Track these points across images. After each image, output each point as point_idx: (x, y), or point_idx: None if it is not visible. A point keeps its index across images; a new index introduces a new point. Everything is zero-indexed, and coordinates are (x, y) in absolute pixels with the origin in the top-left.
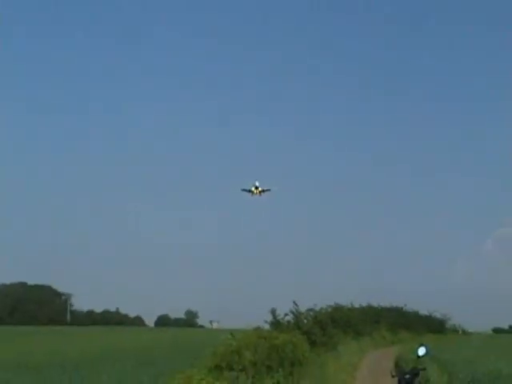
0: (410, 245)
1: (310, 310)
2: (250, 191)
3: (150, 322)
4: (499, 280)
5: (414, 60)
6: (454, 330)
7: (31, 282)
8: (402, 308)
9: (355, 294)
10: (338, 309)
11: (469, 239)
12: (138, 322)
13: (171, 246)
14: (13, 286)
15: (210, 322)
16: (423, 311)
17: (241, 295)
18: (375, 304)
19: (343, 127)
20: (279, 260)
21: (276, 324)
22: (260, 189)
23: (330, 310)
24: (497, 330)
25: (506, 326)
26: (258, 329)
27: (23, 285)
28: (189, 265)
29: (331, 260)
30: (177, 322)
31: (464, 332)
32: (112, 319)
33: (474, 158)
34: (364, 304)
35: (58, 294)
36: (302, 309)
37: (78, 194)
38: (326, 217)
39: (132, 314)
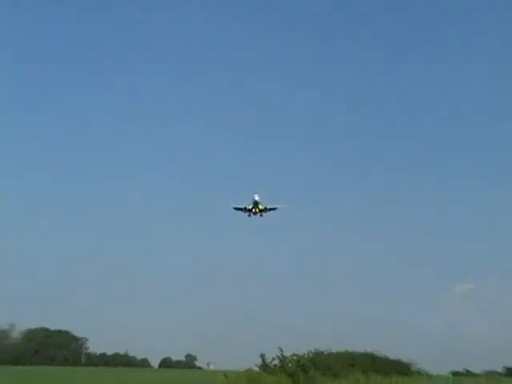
0: (382, 297)
1: (294, 355)
2: (245, 210)
3: (154, 363)
4: (456, 328)
5: None
6: (419, 373)
7: (53, 327)
8: (373, 353)
9: (333, 339)
10: (318, 354)
11: (432, 293)
12: (144, 363)
13: (176, 295)
14: (36, 330)
15: (207, 363)
16: (392, 356)
17: (234, 340)
18: (350, 349)
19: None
20: (268, 308)
21: (265, 367)
22: (261, 206)
23: (311, 355)
24: (455, 373)
25: (462, 370)
26: (249, 370)
27: (45, 330)
28: (189, 314)
29: (315, 308)
30: (178, 364)
31: (427, 375)
32: (122, 361)
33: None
34: (341, 349)
35: (75, 339)
36: (287, 353)
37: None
38: (314, 263)
39: (139, 357)
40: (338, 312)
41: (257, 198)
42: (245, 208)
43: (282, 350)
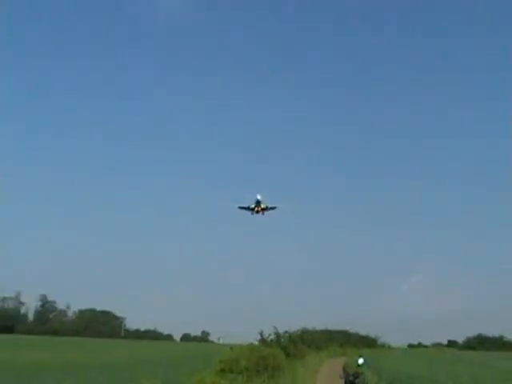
0: (355, 286)
1: (286, 332)
2: (249, 209)
3: (177, 338)
4: (411, 311)
5: None
6: (383, 346)
7: (98, 308)
8: (347, 330)
9: (317, 321)
10: (305, 331)
11: (392, 283)
12: (168, 337)
13: (195, 284)
14: (86, 311)
15: (218, 338)
16: (362, 332)
17: (239, 320)
18: (330, 328)
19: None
20: (266, 293)
21: (263, 341)
22: (263, 205)
23: (299, 332)
24: (410, 346)
25: (416, 343)
26: (250, 344)
27: (93, 310)
28: (204, 300)
29: (301, 296)
30: (195, 339)
31: (389, 347)
32: (151, 335)
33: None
34: (322, 328)
35: (116, 317)
36: (281, 330)
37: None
38: (309, 252)
39: (165, 332)
40: (325, 298)
41: (259, 197)
42: (248, 207)
43: (276, 328)
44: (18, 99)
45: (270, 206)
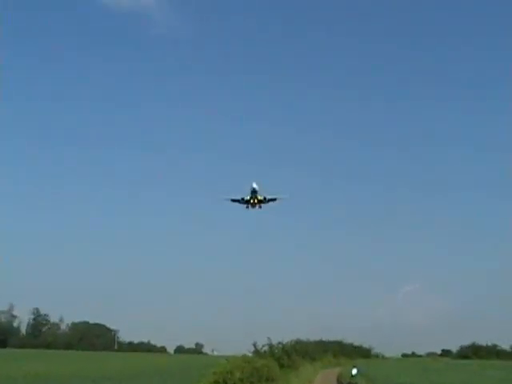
0: (349, 296)
1: (280, 343)
2: (243, 201)
3: (170, 350)
4: (405, 321)
5: None
6: (376, 356)
7: (92, 321)
8: (341, 341)
9: (311, 331)
10: (299, 342)
11: (386, 293)
12: (162, 350)
13: (187, 297)
14: (79, 323)
15: (212, 350)
16: (356, 343)
17: (233, 332)
18: (324, 338)
19: None
20: (260, 305)
21: (256, 352)
22: (260, 197)
23: (293, 343)
24: (404, 355)
25: (410, 352)
26: (244, 356)
27: (86, 323)
28: (197, 312)
29: (295, 307)
30: (189, 351)
31: (383, 357)
32: (145, 348)
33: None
34: (317, 339)
35: (109, 330)
36: (274, 341)
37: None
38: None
39: (158, 345)
40: (319, 309)
41: (255, 185)
42: (242, 199)
43: (270, 339)
44: (14, 110)
45: (268, 197)
